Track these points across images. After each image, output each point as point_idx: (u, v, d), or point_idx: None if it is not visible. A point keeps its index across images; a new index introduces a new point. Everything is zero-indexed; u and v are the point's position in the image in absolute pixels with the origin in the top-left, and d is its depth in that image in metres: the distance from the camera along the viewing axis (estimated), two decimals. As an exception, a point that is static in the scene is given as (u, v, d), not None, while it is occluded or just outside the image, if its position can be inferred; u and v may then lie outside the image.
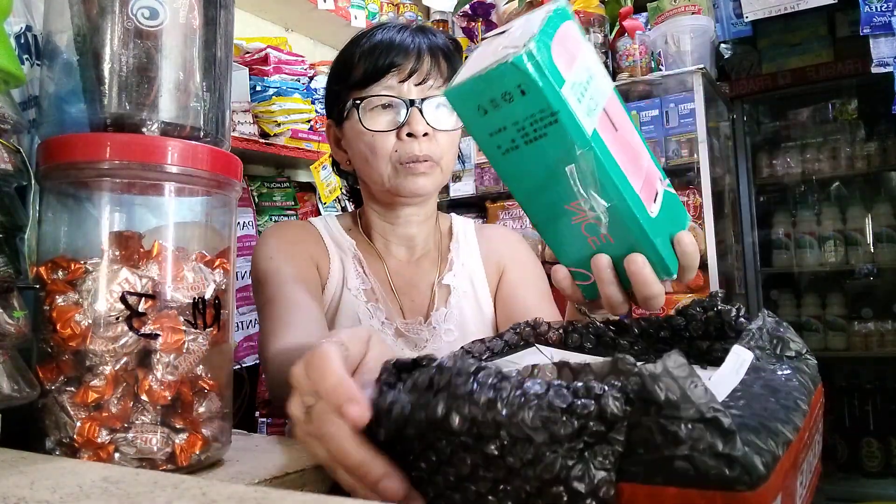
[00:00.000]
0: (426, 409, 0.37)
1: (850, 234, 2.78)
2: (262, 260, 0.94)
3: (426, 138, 0.91)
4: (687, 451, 0.31)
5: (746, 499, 0.30)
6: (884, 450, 2.64)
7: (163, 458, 0.47)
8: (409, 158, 0.90)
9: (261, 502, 0.32)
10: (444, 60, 0.95)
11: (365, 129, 0.91)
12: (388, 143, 0.91)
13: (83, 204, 0.51)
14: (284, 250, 0.95)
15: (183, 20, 0.52)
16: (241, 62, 2.15)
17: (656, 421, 0.32)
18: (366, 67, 0.92)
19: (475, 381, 0.36)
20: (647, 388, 0.33)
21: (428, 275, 1.02)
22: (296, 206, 2.36)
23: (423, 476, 0.39)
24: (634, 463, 0.33)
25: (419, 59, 0.92)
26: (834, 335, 2.78)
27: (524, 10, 2.28)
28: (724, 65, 2.90)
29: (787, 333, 0.50)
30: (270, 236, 0.99)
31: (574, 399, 0.34)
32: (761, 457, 0.32)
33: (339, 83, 0.96)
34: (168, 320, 0.48)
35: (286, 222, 1.04)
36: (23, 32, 0.63)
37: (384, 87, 0.91)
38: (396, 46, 0.92)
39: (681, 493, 0.31)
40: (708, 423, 0.32)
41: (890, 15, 1.94)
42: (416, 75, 0.92)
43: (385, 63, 0.91)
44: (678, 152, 1.99)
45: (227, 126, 0.58)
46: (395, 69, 0.91)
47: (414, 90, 0.92)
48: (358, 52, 0.94)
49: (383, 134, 0.91)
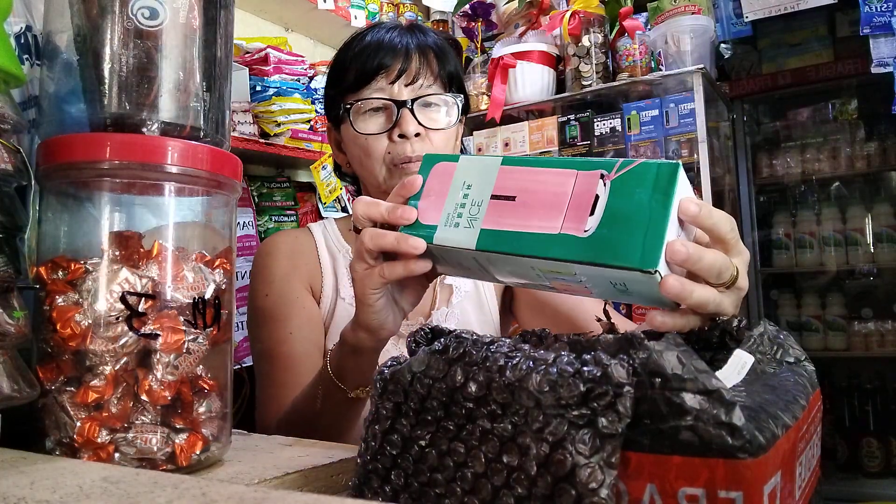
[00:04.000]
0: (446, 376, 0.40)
1: (850, 234, 2.78)
2: (259, 297, 0.96)
3: (418, 138, 0.90)
4: (692, 420, 0.33)
5: (747, 466, 0.32)
6: (884, 450, 2.64)
7: (163, 458, 0.47)
8: (402, 160, 0.90)
9: (261, 502, 0.32)
10: (435, 59, 0.94)
11: (358, 133, 0.91)
12: (380, 146, 0.91)
13: (83, 204, 0.51)
14: (278, 287, 0.96)
15: (183, 20, 0.52)
16: (241, 62, 2.15)
17: (662, 393, 0.34)
18: (356, 70, 0.92)
19: (489, 349, 0.39)
20: (653, 361, 0.34)
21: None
22: (296, 206, 2.36)
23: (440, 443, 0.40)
24: (641, 433, 0.34)
25: (408, 58, 0.91)
26: (834, 335, 2.77)
27: (524, 10, 2.28)
28: (724, 65, 2.90)
29: (787, 341, 0.50)
30: (266, 262, 0.99)
31: (582, 366, 0.36)
32: (761, 431, 0.33)
33: (334, 87, 0.97)
34: (168, 320, 0.48)
35: (281, 238, 1.04)
36: (23, 32, 0.63)
37: (374, 90, 0.91)
38: (385, 47, 0.91)
39: (685, 461, 0.33)
40: (710, 394, 0.33)
41: (890, 15, 1.94)
42: (406, 75, 0.91)
43: (373, 65, 0.91)
44: (678, 152, 1.99)
45: (227, 126, 0.58)
46: (383, 71, 0.90)
47: (405, 91, 0.91)
48: (349, 55, 0.94)
49: (376, 136, 0.91)
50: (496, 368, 0.38)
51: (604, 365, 0.35)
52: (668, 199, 0.47)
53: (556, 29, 2.19)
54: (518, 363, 0.37)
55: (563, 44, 2.18)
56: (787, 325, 2.87)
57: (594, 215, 0.49)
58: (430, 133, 0.92)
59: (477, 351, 0.39)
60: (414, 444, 0.41)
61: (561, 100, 2.21)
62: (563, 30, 2.14)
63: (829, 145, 2.87)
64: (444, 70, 0.95)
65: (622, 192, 0.48)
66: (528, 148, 2.24)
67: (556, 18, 2.17)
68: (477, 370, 0.38)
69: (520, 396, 0.36)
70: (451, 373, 0.39)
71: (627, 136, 2.06)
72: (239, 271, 1.91)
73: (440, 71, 0.95)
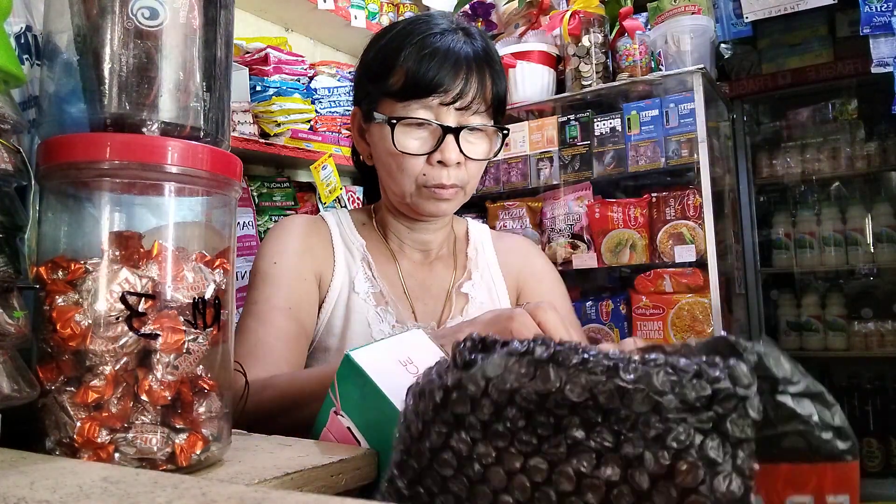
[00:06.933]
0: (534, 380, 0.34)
1: (850, 235, 2.78)
2: (266, 262, 0.93)
3: (457, 166, 0.87)
4: (800, 425, 0.31)
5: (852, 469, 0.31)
6: (884, 450, 2.64)
7: (163, 458, 0.47)
8: (436, 185, 0.87)
9: (261, 502, 0.32)
10: (490, 79, 0.88)
11: (395, 148, 0.86)
12: (416, 166, 0.87)
13: (83, 204, 0.51)
14: (290, 259, 0.93)
15: (183, 20, 0.52)
16: (241, 62, 2.15)
17: (772, 397, 0.32)
18: (408, 79, 0.85)
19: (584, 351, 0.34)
20: (763, 364, 0.32)
21: (441, 279, 1.00)
22: (296, 206, 2.36)
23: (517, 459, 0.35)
24: None
25: (467, 80, 0.85)
26: (834, 335, 2.77)
27: (524, 10, 2.28)
28: (724, 65, 2.90)
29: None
30: (283, 235, 0.96)
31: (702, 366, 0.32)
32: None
33: (375, 81, 0.89)
34: (168, 320, 0.48)
35: (301, 219, 1.00)
36: (23, 32, 0.63)
37: (423, 107, 0.85)
38: (445, 61, 0.84)
39: (793, 468, 0.32)
40: (815, 397, 0.32)
41: (890, 15, 1.94)
42: (460, 101, 0.85)
43: (430, 81, 0.84)
44: (678, 152, 1.98)
45: (227, 126, 0.58)
46: (440, 90, 0.84)
47: (453, 114, 0.86)
48: (403, 54, 0.86)
49: (413, 156, 0.86)
50: (602, 370, 0.33)
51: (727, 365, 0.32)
52: (366, 378, 0.54)
53: (556, 29, 2.19)
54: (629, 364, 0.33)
55: (563, 44, 2.18)
56: (788, 326, 2.88)
57: (361, 437, 0.56)
58: (468, 162, 0.88)
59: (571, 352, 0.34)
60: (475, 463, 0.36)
61: (561, 100, 2.21)
62: (563, 30, 2.14)
63: (829, 145, 2.87)
64: (496, 93, 0.90)
65: (353, 407, 0.57)
66: (528, 148, 2.24)
67: (556, 18, 2.17)
68: (576, 372, 0.33)
69: (631, 401, 0.32)
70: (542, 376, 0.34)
71: (627, 136, 2.06)
72: (239, 271, 1.91)
73: (493, 95, 0.89)
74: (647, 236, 2.00)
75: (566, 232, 2.12)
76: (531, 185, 2.23)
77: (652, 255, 1.99)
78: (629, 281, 2.08)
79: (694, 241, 1.92)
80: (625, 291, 2.08)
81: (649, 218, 2.00)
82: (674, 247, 1.94)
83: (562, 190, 2.17)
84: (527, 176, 2.24)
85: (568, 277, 2.39)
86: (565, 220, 2.13)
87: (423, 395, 0.38)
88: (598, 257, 2.05)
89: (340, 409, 0.58)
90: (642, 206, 2.01)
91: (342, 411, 0.58)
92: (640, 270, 2.00)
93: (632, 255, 2.01)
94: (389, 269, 0.98)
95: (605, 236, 2.05)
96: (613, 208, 2.04)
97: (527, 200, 2.24)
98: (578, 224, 2.11)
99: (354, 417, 0.57)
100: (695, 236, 1.92)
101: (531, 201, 2.24)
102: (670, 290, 1.94)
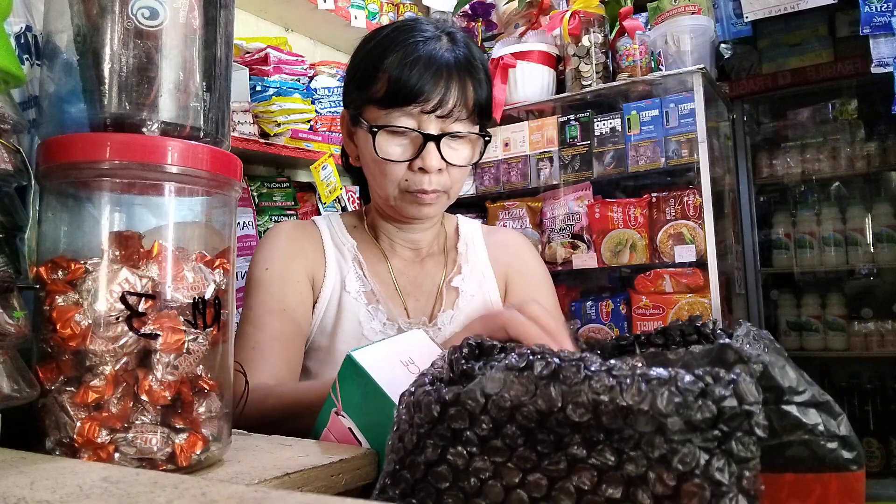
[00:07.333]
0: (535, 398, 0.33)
1: (850, 234, 2.78)
2: (259, 268, 0.96)
3: (438, 172, 0.88)
4: (805, 435, 0.31)
5: (858, 479, 0.31)
6: (884, 450, 2.64)
7: (163, 458, 0.47)
8: (418, 190, 0.88)
9: (261, 502, 0.32)
10: (471, 85, 0.89)
11: (376, 154, 0.87)
12: (398, 171, 0.88)
13: (83, 204, 0.51)
14: (281, 263, 0.96)
15: (183, 20, 0.52)
16: (241, 62, 2.15)
17: (777, 407, 0.32)
18: (390, 87, 0.86)
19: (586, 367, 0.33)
20: (768, 374, 0.32)
21: (433, 275, 1.02)
22: (296, 206, 2.36)
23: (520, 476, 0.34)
24: None
25: (447, 87, 0.86)
26: (834, 335, 2.77)
27: (524, 10, 2.28)
28: (724, 65, 2.89)
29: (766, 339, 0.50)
30: (273, 241, 0.99)
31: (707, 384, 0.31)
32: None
33: (360, 89, 0.91)
34: (168, 320, 0.48)
35: (290, 225, 1.03)
36: (23, 32, 0.63)
37: (405, 115, 0.86)
38: (426, 69, 0.85)
39: (798, 478, 0.31)
40: (821, 406, 0.31)
41: (890, 15, 1.94)
42: (441, 109, 0.86)
43: (412, 91, 0.85)
44: (678, 152, 1.98)
45: (227, 126, 0.58)
46: (420, 99, 0.85)
47: (435, 122, 0.87)
48: (386, 62, 0.87)
49: (396, 162, 0.88)
50: (603, 389, 0.32)
51: (731, 381, 0.31)
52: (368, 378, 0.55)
53: (556, 29, 2.19)
54: (633, 383, 0.32)
55: (563, 44, 2.18)
56: (787, 326, 2.88)
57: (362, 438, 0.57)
58: (450, 167, 0.89)
59: (572, 368, 0.33)
60: (472, 477, 0.35)
61: (561, 100, 2.21)
62: (563, 30, 2.14)
63: (829, 145, 2.87)
64: (478, 99, 0.90)
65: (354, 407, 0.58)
66: (528, 148, 2.24)
67: (556, 18, 2.17)
68: (577, 391, 0.32)
69: (635, 421, 0.31)
70: (543, 394, 0.33)
71: (627, 136, 2.06)
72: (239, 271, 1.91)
73: (475, 102, 0.90)
74: (647, 236, 2.00)
75: (566, 232, 2.12)
76: (531, 185, 2.23)
77: (652, 255, 1.99)
78: (629, 281, 2.08)
79: (694, 241, 1.92)
80: (625, 291, 2.08)
81: (649, 218, 2.01)
82: (674, 247, 1.95)
83: (562, 190, 2.17)
84: (527, 176, 2.24)
85: (568, 277, 2.41)
86: (565, 220, 2.13)
87: (419, 408, 0.37)
88: (598, 257, 2.06)
89: (341, 409, 0.58)
90: (642, 206, 2.01)
91: (343, 411, 0.58)
92: (640, 270, 2.00)
93: (632, 255, 2.01)
94: (381, 267, 1.00)
95: (605, 236, 2.05)
96: (613, 208, 2.04)
97: (527, 200, 2.24)
98: (578, 224, 2.11)
99: (355, 418, 0.57)
100: (695, 236, 1.92)
101: (531, 201, 2.24)
102: (670, 291, 1.94)
